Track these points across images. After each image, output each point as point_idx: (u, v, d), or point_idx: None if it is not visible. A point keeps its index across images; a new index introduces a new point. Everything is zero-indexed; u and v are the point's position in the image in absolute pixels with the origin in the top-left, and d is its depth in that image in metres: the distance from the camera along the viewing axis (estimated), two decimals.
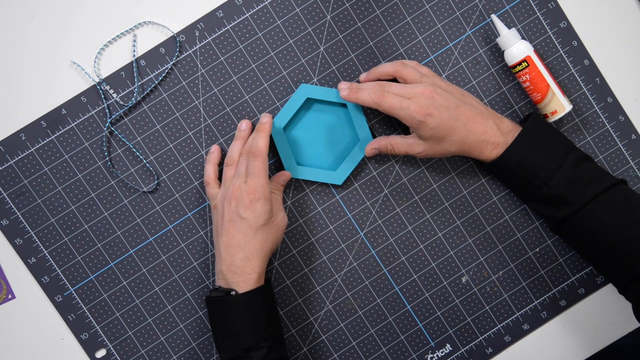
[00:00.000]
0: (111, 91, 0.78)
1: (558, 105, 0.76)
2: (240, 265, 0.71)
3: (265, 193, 0.71)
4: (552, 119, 0.77)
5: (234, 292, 0.71)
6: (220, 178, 0.77)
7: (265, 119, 0.74)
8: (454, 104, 0.72)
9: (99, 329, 0.79)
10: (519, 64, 0.76)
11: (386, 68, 0.76)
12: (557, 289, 0.82)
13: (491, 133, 0.73)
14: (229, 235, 0.71)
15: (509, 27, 0.79)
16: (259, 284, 0.72)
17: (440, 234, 0.81)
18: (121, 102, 0.78)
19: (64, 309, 0.79)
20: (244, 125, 0.76)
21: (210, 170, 0.76)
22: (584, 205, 0.71)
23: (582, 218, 0.72)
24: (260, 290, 0.72)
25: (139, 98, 0.78)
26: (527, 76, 0.76)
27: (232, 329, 0.70)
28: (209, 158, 0.77)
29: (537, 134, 0.73)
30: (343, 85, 0.75)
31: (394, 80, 0.76)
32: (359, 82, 0.78)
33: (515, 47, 0.76)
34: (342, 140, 0.80)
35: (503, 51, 0.78)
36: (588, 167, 0.73)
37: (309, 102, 0.79)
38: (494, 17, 0.77)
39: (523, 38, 0.80)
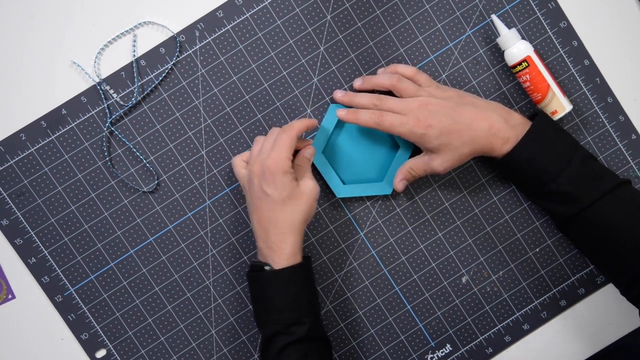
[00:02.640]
0: (111, 91, 0.78)
1: (558, 105, 0.76)
2: (275, 241, 0.71)
3: (285, 167, 0.70)
4: (553, 118, 0.77)
5: (268, 267, 0.71)
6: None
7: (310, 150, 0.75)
8: (451, 108, 0.72)
9: (99, 329, 0.79)
10: (519, 64, 0.76)
11: (382, 81, 0.75)
12: (557, 289, 0.82)
13: (499, 127, 0.72)
14: (259, 212, 0.71)
15: (509, 27, 0.79)
16: (295, 259, 0.71)
17: (440, 234, 0.81)
18: (121, 102, 0.78)
19: (64, 309, 0.79)
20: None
21: (237, 158, 0.76)
22: (592, 204, 0.71)
23: (589, 216, 0.71)
24: (300, 266, 0.71)
25: (139, 98, 0.78)
26: (528, 76, 0.76)
27: (274, 303, 0.70)
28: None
29: (545, 131, 0.73)
30: (341, 112, 0.75)
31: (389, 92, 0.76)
32: (352, 87, 0.78)
33: (516, 47, 0.76)
34: (381, 150, 0.80)
35: (503, 51, 0.78)
36: (595, 166, 0.73)
37: (341, 121, 0.78)
38: (494, 17, 0.77)
39: (523, 38, 0.80)
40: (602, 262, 0.74)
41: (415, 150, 0.79)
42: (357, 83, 0.77)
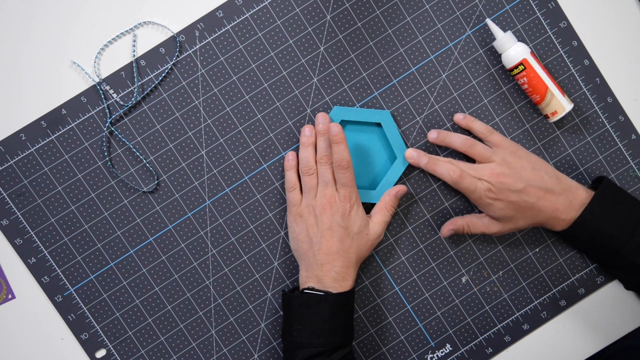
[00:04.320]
0: (111, 91, 0.78)
1: (558, 105, 0.76)
2: (341, 272, 0.73)
3: (358, 200, 0.75)
4: (553, 119, 0.77)
5: (323, 292, 0.73)
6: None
7: (336, 128, 0.74)
8: (522, 185, 0.72)
9: (99, 329, 0.79)
10: (516, 67, 0.76)
11: (456, 144, 0.76)
12: (557, 289, 0.82)
13: (562, 210, 0.73)
14: (329, 243, 0.73)
15: (507, 29, 0.79)
16: (349, 286, 0.74)
17: (440, 234, 0.81)
18: (121, 102, 0.78)
19: (64, 309, 0.79)
20: (309, 131, 0.77)
21: (293, 176, 0.77)
22: None
23: None
24: (353, 292, 0.75)
25: (139, 98, 0.78)
26: (525, 79, 0.76)
27: (324, 326, 0.72)
28: (289, 165, 0.77)
29: (608, 203, 0.73)
30: (420, 155, 0.76)
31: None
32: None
33: (513, 50, 0.76)
34: (378, 158, 0.80)
35: (500, 54, 0.78)
36: None
37: (342, 123, 0.78)
38: (488, 21, 0.77)
39: (522, 39, 0.80)
40: None
41: (411, 164, 0.79)
42: (432, 136, 0.77)
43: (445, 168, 0.73)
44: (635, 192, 0.81)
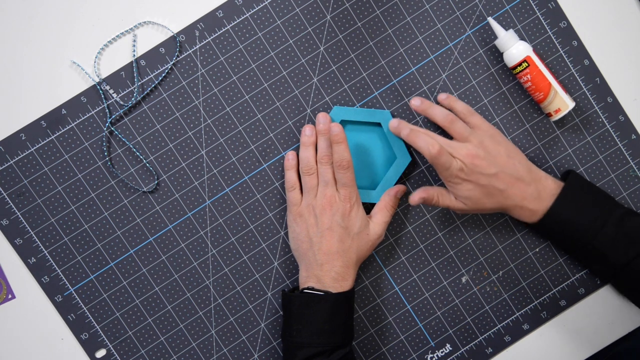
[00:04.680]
0: (111, 91, 0.78)
1: (561, 102, 0.76)
2: (340, 272, 0.73)
3: (359, 200, 0.75)
4: (556, 117, 0.77)
5: (323, 292, 0.73)
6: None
7: (336, 128, 0.74)
8: (494, 170, 0.72)
9: (99, 329, 0.79)
10: (519, 64, 0.76)
11: (437, 116, 0.75)
12: (557, 289, 0.82)
13: (530, 200, 0.73)
14: (329, 243, 0.73)
15: (508, 28, 0.79)
16: (349, 286, 0.75)
17: (440, 234, 0.81)
18: (121, 102, 0.78)
19: (64, 309, 0.79)
20: (309, 130, 0.77)
21: (293, 176, 0.77)
22: (630, 261, 0.72)
23: (631, 272, 0.73)
24: (353, 291, 0.75)
25: (139, 98, 0.78)
26: (528, 76, 0.76)
27: (324, 326, 0.72)
28: (289, 164, 0.77)
29: (577, 195, 0.74)
30: (402, 124, 0.75)
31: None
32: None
33: (515, 48, 0.76)
34: (378, 158, 0.79)
35: (502, 53, 0.77)
36: (634, 224, 0.74)
37: (342, 123, 0.78)
38: (490, 19, 0.77)
39: (522, 38, 0.80)
40: None
41: (411, 164, 0.79)
42: (416, 103, 0.77)
43: (425, 141, 0.72)
44: (636, 192, 0.81)
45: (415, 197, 0.75)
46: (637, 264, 0.72)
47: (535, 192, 0.74)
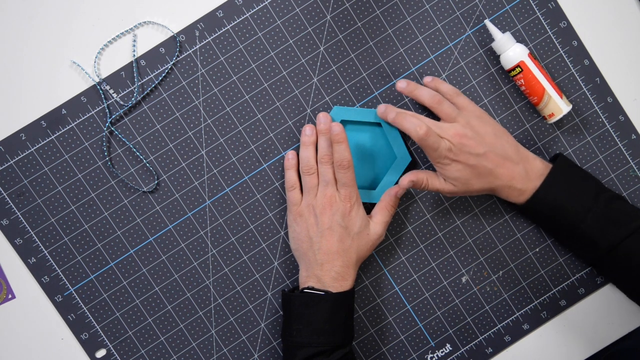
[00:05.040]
0: (111, 91, 0.78)
1: (555, 108, 0.76)
2: (340, 272, 0.73)
3: (359, 200, 0.75)
4: (551, 121, 0.77)
5: (323, 292, 0.73)
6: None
7: (337, 128, 0.73)
8: (483, 150, 0.72)
9: (99, 329, 0.79)
10: (513, 69, 0.76)
11: (424, 97, 0.75)
12: (557, 289, 0.82)
13: (518, 179, 0.73)
14: (329, 243, 0.73)
15: (508, 29, 0.79)
16: (349, 286, 0.75)
17: (440, 234, 0.81)
18: (121, 102, 0.78)
19: (64, 309, 0.79)
20: (310, 130, 0.77)
21: (293, 176, 0.77)
22: (616, 246, 0.72)
23: (616, 257, 0.73)
24: (353, 291, 0.75)
25: (139, 98, 0.78)
26: (522, 80, 0.76)
27: (324, 326, 0.72)
28: (289, 164, 0.77)
29: (564, 178, 0.74)
30: (389, 109, 0.75)
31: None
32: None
33: (511, 51, 0.76)
34: (378, 158, 0.79)
35: (499, 55, 0.78)
36: (620, 207, 0.74)
37: (342, 123, 0.78)
38: (487, 22, 0.77)
39: (522, 39, 0.80)
40: (637, 297, 0.75)
41: (411, 164, 0.79)
42: (402, 85, 0.76)
43: (412, 123, 0.72)
44: (636, 192, 0.81)
45: (405, 180, 0.74)
46: (623, 247, 0.72)
47: (523, 171, 0.73)
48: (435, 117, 0.77)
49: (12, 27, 0.78)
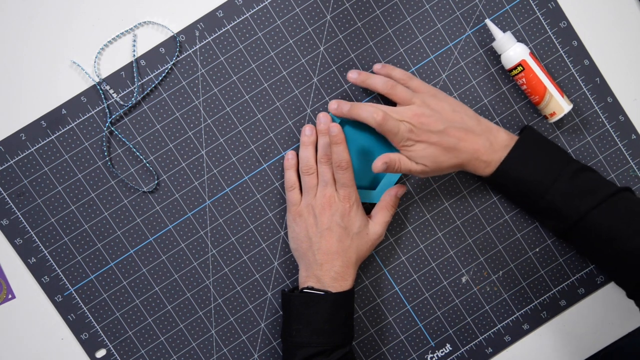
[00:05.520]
0: (111, 91, 0.78)
1: (556, 106, 0.76)
2: (340, 272, 0.73)
3: (358, 200, 0.75)
4: (552, 119, 0.77)
5: (323, 292, 0.73)
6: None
7: (335, 129, 0.73)
8: (442, 126, 0.72)
9: (99, 329, 0.79)
10: (515, 67, 0.76)
11: (377, 85, 0.75)
12: (557, 289, 0.82)
13: (483, 151, 0.73)
14: (328, 243, 0.74)
15: (507, 29, 0.79)
16: (349, 286, 0.75)
17: (440, 234, 0.81)
18: (121, 102, 0.78)
19: (64, 309, 0.79)
20: (309, 130, 0.77)
21: (293, 176, 0.77)
22: (583, 217, 0.71)
23: (583, 228, 0.72)
24: (352, 291, 0.75)
25: (139, 98, 0.78)
26: (524, 79, 0.76)
27: (324, 326, 0.72)
28: (289, 164, 0.78)
29: (530, 149, 0.73)
30: (341, 103, 0.75)
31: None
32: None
33: (512, 51, 0.76)
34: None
35: (499, 55, 0.78)
36: (587, 178, 0.73)
37: (342, 123, 0.78)
38: (487, 21, 0.77)
39: (522, 39, 0.80)
40: (604, 269, 0.75)
41: None
42: (353, 76, 0.76)
43: (368, 111, 0.72)
44: (636, 192, 0.81)
45: (378, 163, 0.73)
46: (589, 218, 0.71)
47: (487, 142, 0.73)
48: (390, 104, 0.77)
49: (12, 27, 0.78)
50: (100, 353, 0.79)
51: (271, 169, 0.80)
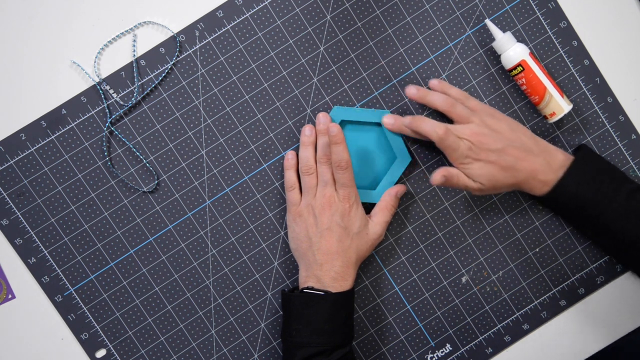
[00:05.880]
0: (111, 91, 0.78)
1: (556, 107, 0.76)
2: (340, 272, 0.73)
3: (358, 200, 0.75)
4: (552, 120, 0.77)
5: (323, 292, 0.73)
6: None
7: (334, 129, 0.73)
8: (501, 145, 0.72)
9: (99, 329, 0.79)
10: (515, 68, 0.76)
11: (436, 102, 0.75)
12: (557, 289, 0.82)
13: (540, 170, 0.73)
14: (328, 243, 0.74)
15: (507, 29, 0.79)
16: (349, 286, 0.75)
17: (440, 234, 0.81)
18: (121, 102, 0.78)
19: (64, 309, 0.79)
20: (309, 130, 0.77)
21: (293, 176, 0.77)
22: (637, 239, 0.72)
23: (638, 250, 0.73)
24: (353, 291, 0.75)
25: (139, 98, 0.78)
26: (524, 80, 0.76)
27: (324, 326, 0.72)
28: (289, 164, 0.78)
29: (586, 169, 0.73)
30: (398, 118, 0.75)
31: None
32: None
33: (512, 51, 0.76)
34: (378, 158, 0.79)
35: (499, 55, 0.78)
36: None
37: (342, 123, 0.78)
38: (487, 21, 0.77)
39: (521, 39, 0.80)
40: None
41: (411, 164, 0.79)
42: (412, 91, 0.76)
43: (431, 125, 0.72)
44: None
45: (437, 175, 0.72)
46: None
47: (544, 162, 0.73)
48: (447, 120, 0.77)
49: (12, 27, 0.78)
50: (100, 353, 0.80)
51: (271, 169, 0.80)
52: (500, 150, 0.72)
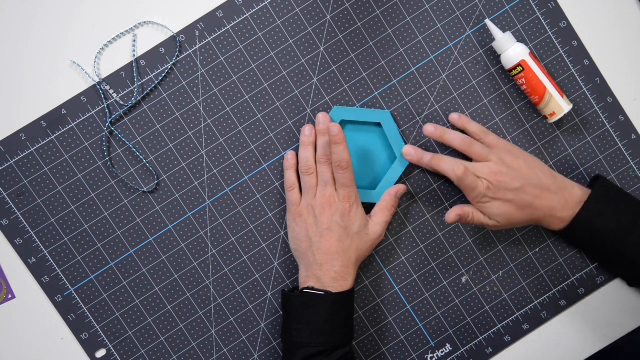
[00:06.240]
0: (111, 91, 0.78)
1: (556, 107, 0.76)
2: (340, 272, 0.73)
3: (358, 200, 0.75)
4: (552, 120, 0.77)
5: (323, 292, 0.73)
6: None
7: (335, 129, 0.73)
8: (519, 184, 0.73)
9: (99, 329, 0.79)
10: (515, 68, 0.76)
11: (454, 141, 0.75)
12: (557, 289, 0.82)
13: (558, 208, 0.74)
14: (328, 243, 0.74)
15: (507, 29, 0.79)
16: (349, 286, 0.75)
17: (440, 234, 0.81)
18: (121, 102, 0.78)
19: (64, 309, 0.79)
20: (309, 130, 0.77)
21: (293, 176, 0.77)
22: None
23: None
24: (353, 291, 0.75)
25: (139, 98, 0.78)
26: (524, 80, 0.76)
27: (324, 326, 0.72)
28: (289, 164, 0.78)
29: (603, 202, 0.74)
30: (419, 153, 0.75)
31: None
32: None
33: (512, 51, 0.76)
34: (378, 158, 0.80)
35: (499, 55, 0.78)
36: None
37: (342, 123, 0.78)
38: (487, 21, 0.77)
39: (521, 39, 0.80)
40: None
41: (411, 164, 0.79)
42: (430, 130, 0.76)
43: (450, 164, 0.72)
44: (636, 192, 0.81)
45: (452, 214, 0.74)
46: None
47: (562, 200, 0.74)
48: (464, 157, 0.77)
49: (12, 27, 0.78)
50: (100, 353, 0.80)
51: (271, 169, 0.80)
52: (517, 189, 0.73)
